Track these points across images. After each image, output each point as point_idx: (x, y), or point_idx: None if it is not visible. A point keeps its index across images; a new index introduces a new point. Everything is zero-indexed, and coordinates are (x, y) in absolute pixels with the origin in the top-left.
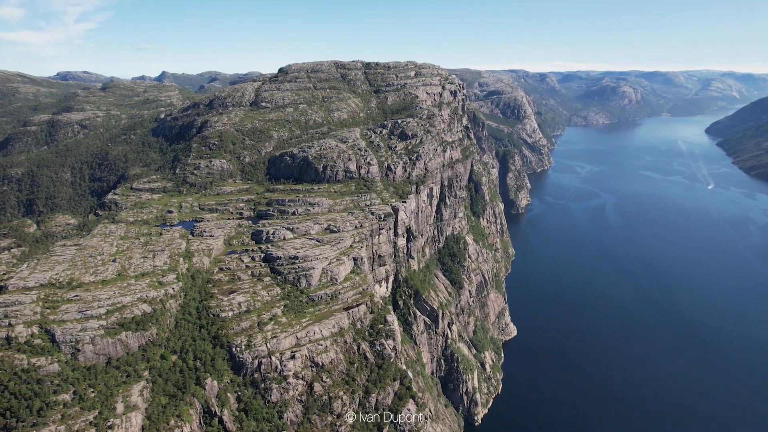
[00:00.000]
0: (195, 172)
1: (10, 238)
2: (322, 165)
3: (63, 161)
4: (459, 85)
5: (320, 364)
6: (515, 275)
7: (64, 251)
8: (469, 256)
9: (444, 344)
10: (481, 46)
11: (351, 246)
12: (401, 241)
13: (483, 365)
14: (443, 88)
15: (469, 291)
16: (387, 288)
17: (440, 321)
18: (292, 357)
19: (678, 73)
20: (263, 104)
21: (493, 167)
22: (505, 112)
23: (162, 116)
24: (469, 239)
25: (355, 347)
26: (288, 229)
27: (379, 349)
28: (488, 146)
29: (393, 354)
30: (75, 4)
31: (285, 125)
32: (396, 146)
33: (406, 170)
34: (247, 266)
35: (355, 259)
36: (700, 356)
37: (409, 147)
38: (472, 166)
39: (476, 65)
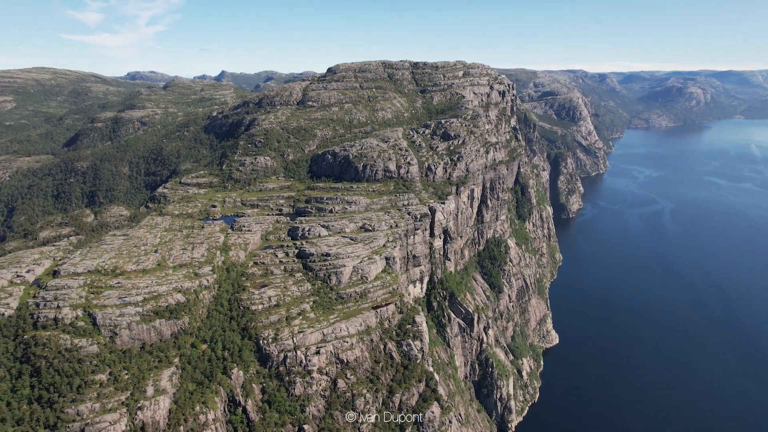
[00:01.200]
0: (240, 168)
1: (71, 226)
2: (362, 164)
3: (122, 156)
4: (508, 85)
5: (345, 361)
6: (561, 281)
7: (113, 241)
8: (510, 260)
9: (479, 348)
10: (538, 46)
11: (384, 245)
12: (437, 242)
13: (520, 372)
14: (491, 88)
15: (509, 295)
16: (421, 289)
17: (475, 324)
18: (317, 352)
19: (756, 72)
20: (310, 103)
21: (543, 170)
22: (559, 113)
23: (214, 114)
24: (511, 243)
25: (382, 346)
26: (323, 226)
27: (405, 349)
28: (539, 148)
29: (420, 355)
30: (147, 8)
31: (329, 124)
32: (438, 146)
33: (446, 171)
34: (280, 261)
35: (387, 259)
36: (760, 373)
37: (451, 147)
38: (519, 168)
39: (532, 65)
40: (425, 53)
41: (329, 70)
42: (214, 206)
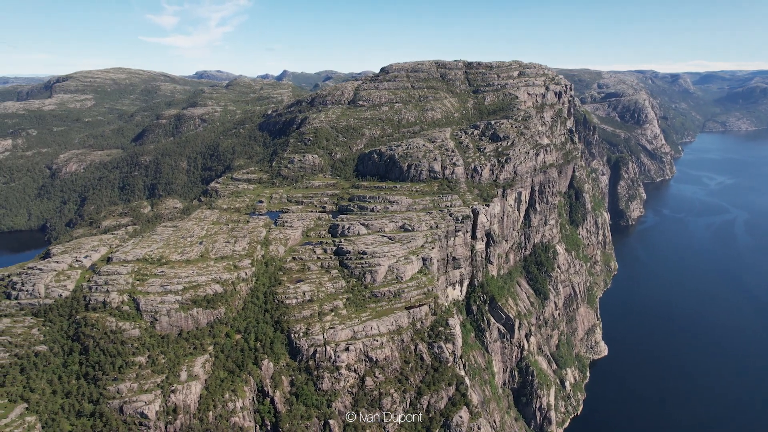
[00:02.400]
0: (289, 165)
1: (129, 216)
2: (407, 164)
3: (182, 151)
4: (566, 86)
5: (374, 359)
6: (615, 291)
7: (163, 231)
8: (559, 267)
9: (519, 355)
10: (605, 46)
11: (422, 246)
12: (479, 245)
13: (563, 382)
14: (547, 89)
15: (555, 303)
16: (461, 291)
17: (516, 331)
18: (347, 349)
19: None
20: (360, 103)
21: (602, 174)
22: (623, 115)
23: (269, 112)
24: (560, 248)
25: (413, 347)
26: (363, 224)
27: (437, 351)
28: (599, 152)
29: (451, 358)
30: (217, 11)
31: (378, 123)
32: (485, 148)
33: (493, 172)
34: (318, 257)
35: (424, 259)
36: None
37: (499, 149)
38: (573, 171)
39: (597, 65)
40: (486, 54)
41: (382, 69)
42: (261, 202)
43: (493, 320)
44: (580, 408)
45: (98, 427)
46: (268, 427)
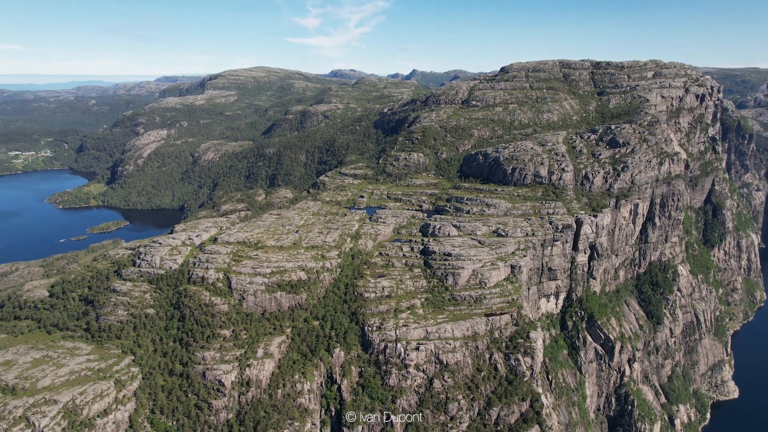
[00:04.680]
0: (394, 163)
1: (245, 203)
2: (511, 167)
3: (302, 145)
4: (711, 88)
5: (445, 362)
6: (758, 326)
7: (267, 218)
8: (679, 290)
9: (618, 381)
10: None
11: (512, 253)
12: (581, 258)
13: (671, 420)
14: (687, 91)
15: (671, 329)
16: (556, 304)
17: (616, 354)
18: (417, 348)
19: None
20: (473, 102)
21: (757, 190)
22: None
23: (385, 110)
24: (682, 269)
25: (487, 355)
26: (455, 226)
27: (513, 363)
28: (755, 163)
29: (528, 373)
30: (357, 12)
31: (488, 124)
32: (600, 153)
33: (606, 181)
34: (403, 255)
35: (512, 267)
36: None
37: (616, 156)
38: (713, 185)
39: None
40: (632, 55)
41: (502, 69)
42: (362, 197)
43: (590, 339)
44: None
45: (184, 386)
46: (332, 413)
